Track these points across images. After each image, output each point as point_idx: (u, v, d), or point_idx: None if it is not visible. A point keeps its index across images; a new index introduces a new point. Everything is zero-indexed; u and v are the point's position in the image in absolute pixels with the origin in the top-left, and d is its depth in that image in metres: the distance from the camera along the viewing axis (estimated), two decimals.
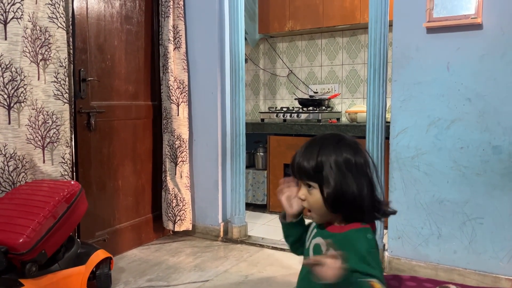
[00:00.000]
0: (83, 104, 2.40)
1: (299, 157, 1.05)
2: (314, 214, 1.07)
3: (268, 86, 4.19)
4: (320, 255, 1.02)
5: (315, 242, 1.09)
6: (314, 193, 1.04)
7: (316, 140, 1.08)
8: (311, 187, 1.04)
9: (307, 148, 1.06)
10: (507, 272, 2.01)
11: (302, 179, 1.05)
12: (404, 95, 2.22)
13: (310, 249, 1.10)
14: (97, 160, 2.51)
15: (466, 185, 2.08)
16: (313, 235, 1.11)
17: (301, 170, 1.04)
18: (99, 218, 2.53)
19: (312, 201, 1.05)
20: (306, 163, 1.04)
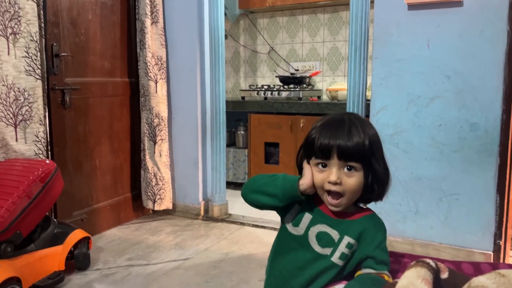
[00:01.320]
0: (57, 81, 2.32)
1: (338, 137, 0.94)
2: (344, 200, 0.97)
3: (248, 63, 4.14)
4: (333, 245, 0.99)
5: (320, 230, 1.00)
6: (356, 175, 0.96)
7: (342, 119, 0.99)
8: (351, 169, 0.95)
9: (340, 127, 0.96)
10: (480, 246, 2.07)
11: (346, 161, 0.94)
12: (385, 72, 2.21)
13: (310, 236, 1.01)
14: (72, 138, 2.44)
15: (444, 162, 2.11)
16: (311, 221, 1.02)
17: (346, 151, 0.93)
18: (76, 197, 2.49)
19: (351, 184, 0.96)
20: (352, 142, 0.94)
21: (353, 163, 0.96)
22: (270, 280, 1.08)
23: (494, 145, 2.00)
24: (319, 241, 1.00)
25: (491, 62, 1.98)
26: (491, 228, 2.04)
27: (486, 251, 2.05)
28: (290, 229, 1.04)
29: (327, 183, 0.97)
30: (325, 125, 0.99)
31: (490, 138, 2.01)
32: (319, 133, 0.98)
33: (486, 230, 2.05)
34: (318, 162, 0.98)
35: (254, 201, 1.05)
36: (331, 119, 1.01)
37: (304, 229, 1.02)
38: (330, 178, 0.96)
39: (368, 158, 0.97)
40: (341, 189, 0.96)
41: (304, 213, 1.03)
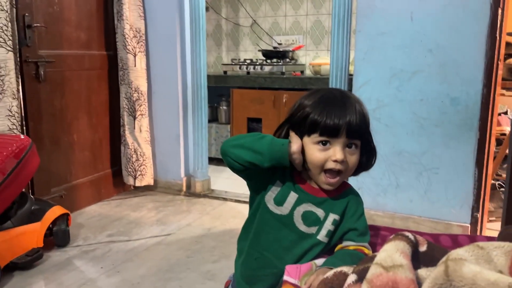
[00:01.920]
0: (30, 53, 2.23)
1: (347, 115, 0.91)
2: (341, 179, 0.96)
3: (230, 37, 4.06)
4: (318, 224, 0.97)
5: (305, 209, 0.97)
6: (356, 153, 0.95)
7: (340, 95, 0.96)
8: (352, 146, 0.94)
9: (343, 104, 0.93)
10: (458, 219, 2.11)
11: (351, 139, 0.93)
12: (368, 46, 2.19)
13: (296, 216, 0.97)
14: (48, 113, 2.37)
15: (424, 137, 2.12)
16: (296, 200, 0.98)
17: (355, 129, 0.91)
18: (54, 174, 2.43)
19: (352, 162, 0.95)
20: (359, 119, 0.92)
21: (356, 141, 0.94)
22: (249, 262, 1.03)
23: (474, 120, 2.01)
24: (304, 221, 0.98)
25: (474, 36, 1.97)
26: (469, 201, 2.08)
27: (464, 224, 2.10)
28: (272, 208, 0.99)
29: (330, 162, 0.93)
30: (324, 102, 0.94)
31: (470, 113, 2.02)
32: (320, 110, 0.92)
33: (464, 203, 2.08)
34: (320, 140, 0.93)
35: (235, 156, 0.95)
36: (328, 95, 0.96)
37: (290, 208, 0.98)
38: (337, 157, 0.92)
39: (367, 133, 0.97)
40: (344, 167, 0.94)
41: (288, 192, 0.99)
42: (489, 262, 0.68)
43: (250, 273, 1.04)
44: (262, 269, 1.01)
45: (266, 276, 1.01)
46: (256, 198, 1.02)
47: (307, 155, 0.95)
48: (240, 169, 0.97)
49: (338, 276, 0.73)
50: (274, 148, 0.93)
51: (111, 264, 1.93)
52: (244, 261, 1.05)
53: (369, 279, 0.66)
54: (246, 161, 0.95)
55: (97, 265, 1.93)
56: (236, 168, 0.97)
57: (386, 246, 0.73)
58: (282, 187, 0.99)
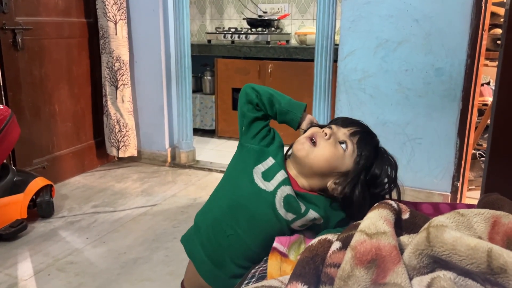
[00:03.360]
0: (7, 20, 2.15)
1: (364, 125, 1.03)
2: (312, 153, 0.95)
3: (214, 4, 3.96)
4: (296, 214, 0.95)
5: (288, 193, 0.95)
6: (339, 147, 0.95)
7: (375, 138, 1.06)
8: (343, 143, 0.96)
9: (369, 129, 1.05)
10: (439, 188, 2.16)
11: (352, 134, 0.98)
12: (354, 15, 2.16)
13: (278, 196, 0.94)
14: (27, 82, 2.31)
15: (409, 107, 2.14)
16: (283, 180, 0.95)
17: (359, 129, 1.00)
18: (36, 145, 2.39)
19: (328, 148, 0.95)
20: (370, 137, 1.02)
21: (350, 143, 0.97)
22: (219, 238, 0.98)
23: (457, 90, 2.03)
24: (285, 205, 0.94)
25: (459, 6, 1.96)
26: (450, 170, 2.12)
27: (444, 192, 2.15)
28: (258, 181, 0.95)
29: (317, 130, 0.98)
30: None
31: (453, 83, 2.03)
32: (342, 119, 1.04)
33: (446, 173, 2.13)
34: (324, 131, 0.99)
35: (260, 88, 1.03)
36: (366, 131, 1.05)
37: (275, 185, 0.94)
38: (325, 130, 0.97)
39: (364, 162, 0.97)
40: (317, 141, 0.96)
41: (279, 169, 0.96)
42: (469, 228, 0.70)
43: (220, 253, 0.98)
44: (234, 249, 0.97)
45: (238, 259, 0.97)
46: (241, 165, 1.01)
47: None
48: (255, 101, 1.02)
49: (323, 243, 0.74)
50: (293, 101, 1.04)
51: (96, 235, 1.93)
52: (211, 237, 0.99)
53: (353, 245, 0.68)
54: (269, 93, 1.02)
55: (82, 235, 1.93)
56: (251, 99, 1.02)
57: (369, 214, 0.74)
58: (273, 164, 0.98)
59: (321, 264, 0.70)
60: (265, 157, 0.99)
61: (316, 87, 2.39)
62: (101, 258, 1.75)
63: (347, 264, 0.66)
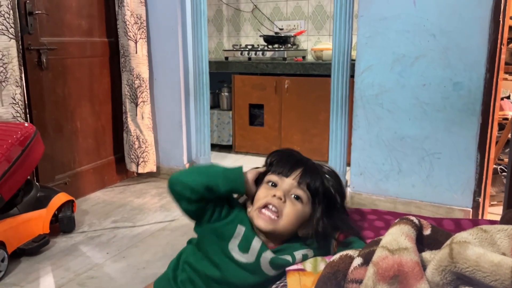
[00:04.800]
0: (32, 41, 2.22)
1: (303, 162, 0.97)
2: (279, 223, 0.93)
3: (232, 22, 4.03)
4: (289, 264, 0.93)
5: (270, 257, 0.93)
6: (298, 206, 0.94)
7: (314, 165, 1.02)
8: (298, 199, 0.95)
9: (306, 160, 1.01)
10: (460, 203, 2.13)
11: (299, 185, 0.95)
12: (370, 31, 2.18)
13: (263, 263, 0.93)
14: (51, 101, 2.37)
15: (427, 122, 2.13)
16: (261, 247, 0.94)
17: (307, 176, 0.96)
18: (58, 161, 2.45)
19: (289, 211, 0.93)
20: (315, 175, 0.97)
21: (303, 192, 0.95)
22: None
23: (477, 104, 2.01)
24: (274, 267, 0.94)
25: (477, 20, 1.95)
26: (471, 185, 2.09)
27: (465, 208, 2.11)
28: (238, 257, 0.93)
29: (270, 197, 0.93)
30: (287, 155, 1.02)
31: (473, 98, 2.02)
32: (280, 157, 0.99)
33: (466, 188, 2.10)
34: (270, 180, 0.97)
35: (190, 180, 0.93)
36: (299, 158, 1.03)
37: (255, 255, 0.93)
38: (276, 193, 0.93)
39: (325, 197, 0.97)
40: (279, 209, 0.92)
41: (252, 236, 0.94)
42: (493, 244, 0.69)
43: None
44: None
45: None
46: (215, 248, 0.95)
47: (256, 195, 0.97)
48: (192, 197, 0.92)
49: (344, 259, 0.74)
50: (229, 171, 0.95)
51: (116, 250, 1.96)
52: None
53: (375, 261, 0.68)
54: (202, 183, 0.91)
55: (103, 250, 1.96)
56: (187, 196, 0.92)
57: (391, 230, 0.74)
58: (244, 231, 0.94)
59: (342, 280, 0.71)
60: (233, 228, 0.95)
61: (333, 102, 2.40)
62: (121, 273, 1.76)
63: (369, 280, 0.66)
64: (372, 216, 1.17)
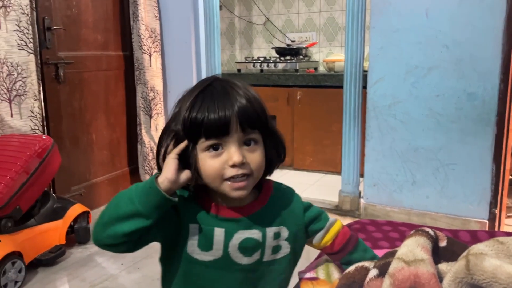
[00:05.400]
0: (50, 55, 2.28)
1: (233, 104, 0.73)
2: (251, 181, 0.76)
3: (244, 35, 4.08)
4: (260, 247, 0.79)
5: (240, 240, 0.78)
6: (258, 149, 0.76)
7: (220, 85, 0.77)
8: (251, 142, 0.75)
9: (226, 94, 0.75)
10: (476, 215, 2.10)
11: (246, 133, 0.74)
12: (382, 42, 2.19)
13: (232, 252, 0.78)
14: (68, 113, 2.42)
15: (441, 132, 2.12)
16: (226, 235, 0.78)
17: (248, 118, 0.73)
18: (74, 172, 2.49)
19: (257, 160, 0.76)
20: (251, 106, 0.74)
21: (254, 135, 0.75)
22: None
23: (491, 115, 2.00)
24: (244, 253, 0.79)
25: (490, 31, 1.95)
26: (486, 197, 2.07)
27: (481, 220, 2.09)
28: (201, 257, 0.78)
29: (229, 169, 0.73)
30: (201, 98, 0.74)
31: (487, 108, 2.01)
32: (198, 107, 0.73)
33: (482, 199, 2.08)
34: (209, 145, 0.73)
35: (112, 236, 0.72)
36: (204, 89, 0.76)
37: (222, 248, 0.78)
38: (234, 160, 0.72)
39: (265, 121, 0.78)
40: (247, 170, 0.74)
41: (211, 229, 0.78)
42: (509, 256, 0.69)
43: None
44: None
45: None
46: (172, 257, 0.81)
47: (201, 168, 0.75)
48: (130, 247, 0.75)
49: (360, 270, 0.75)
50: (144, 196, 0.71)
51: (131, 261, 1.97)
52: None
53: (391, 273, 0.68)
54: (125, 234, 0.71)
55: (117, 261, 1.97)
56: (125, 248, 0.74)
57: (406, 241, 0.75)
58: (200, 228, 0.78)
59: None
60: (184, 227, 0.78)
61: (346, 113, 2.40)
62: (136, 284, 1.78)
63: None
64: (387, 227, 1.17)
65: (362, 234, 1.12)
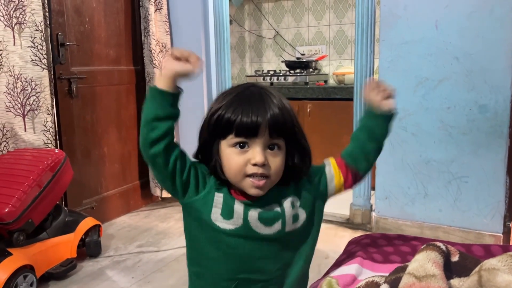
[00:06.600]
0: (63, 70, 2.32)
1: (266, 111, 0.80)
2: (268, 183, 0.83)
3: (254, 49, 4.11)
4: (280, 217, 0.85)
5: (259, 211, 0.85)
6: (280, 154, 0.83)
7: (256, 91, 0.84)
8: (275, 147, 0.82)
9: (261, 100, 0.82)
10: (490, 228, 2.06)
11: (272, 138, 0.81)
12: (392, 55, 2.19)
13: (252, 222, 0.84)
14: (80, 127, 2.45)
15: (452, 145, 2.10)
16: (245, 208, 0.84)
17: (277, 126, 0.80)
18: (86, 186, 2.51)
19: (277, 164, 0.82)
20: (280, 116, 0.80)
21: (278, 141, 0.82)
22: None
23: (504, 127, 1.98)
24: (265, 223, 0.85)
25: (500, 43, 1.94)
26: (501, 210, 2.03)
27: (496, 233, 2.05)
28: (223, 225, 0.84)
29: (250, 166, 0.80)
30: (239, 100, 0.82)
31: (499, 120, 1.98)
32: (234, 108, 0.81)
33: (496, 212, 2.04)
34: (237, 142, 0.81)
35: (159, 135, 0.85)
36: (244, 93, 0.84)
37: (242, 218, 0.84)
38: (256, 159, 0.79)
39: (294, 132, 0.85)
40: (267, 172, 0.81)
41: (232, 202, 0.85)
42: None
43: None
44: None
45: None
46: (197, 224, 0.88)
47: (224, 161, 0.83)
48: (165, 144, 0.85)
49: (370, 285, 0.74)
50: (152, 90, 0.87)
51: (141, 274, 1.97)
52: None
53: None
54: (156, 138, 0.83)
55: (128, 275, 1.97)
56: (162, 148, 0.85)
57: (417, 256, 0.74)
58: (223, 199, 0.85)
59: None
60: (211, 197, 0.86)
61: (356, 126, 2.39)
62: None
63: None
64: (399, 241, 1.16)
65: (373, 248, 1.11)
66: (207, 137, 0.86)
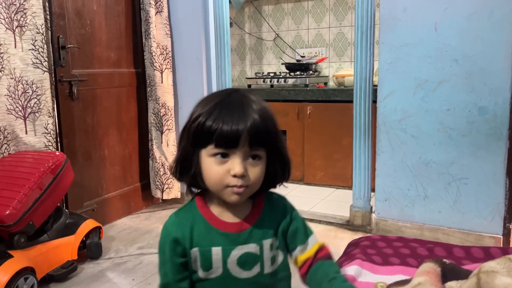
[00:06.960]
0: (64, 73, 2.33)
1: (246, 120, 0.77)
2: (248, 191, 0.81)
3: (254, 51, 4.12)
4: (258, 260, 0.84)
5: (238, 255, 0.83)
6: (260, 164, 0.81)
7: (239, 98, 0.81)
8: (256, 158, 0.80)
9: (241, 109, 0.79)
10: (490, 230, 2.07)
11: (253, 149, 0.79)
12: (392, 57, 2.19)
13: (232, 268, 0.84)
14: (81, 129, 2.46)
15: (452, 146, 2.10)
16: (223, 253, 0.83)
17: (257, 136, 0.78)
18: (87, 188, 2.52)
19: (256, 175, 0.80)
20: (264, 125, 0.79)
21: (259, 151, 0.80)
22: None
23: (503, 129, 1.98)
24: (243, 267, 0.84)
25: (500, 45, 1.95)
26: (501, 212, 2.04)
27: (495, 235, 2.05)
28: (204, 276, 0.85)
29: (230, 177, 0.78)
30: (220, 107, 0.79)
31: (499, 122, 1.99)
32: (215, 117, 0.78)
33: (496, 214, 2.05)
34: (217, 152, 0.79)
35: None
36: (225, 100, 0.81)
37: (221, 265, 0.83)
38: (236, 171, 0.77)
39: (275, 141, 0.83)
40: (246, 182, 0.79)
41: (209, 251, 0.83)
42: None
43: None
44: None
45: None
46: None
47: (204, 170, 0.81)
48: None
49: None
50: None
51: (142, 276, 1.98)
52: None
53: None
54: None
55: (129, 277, 1.98)
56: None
57: None
58: (199, 249, 0.84)
59: None
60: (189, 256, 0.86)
61: (356, 128, 2.40)
62: None
63: None
64: (398, 243, 1.16)
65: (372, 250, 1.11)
66: (186, 145, 0.83)
